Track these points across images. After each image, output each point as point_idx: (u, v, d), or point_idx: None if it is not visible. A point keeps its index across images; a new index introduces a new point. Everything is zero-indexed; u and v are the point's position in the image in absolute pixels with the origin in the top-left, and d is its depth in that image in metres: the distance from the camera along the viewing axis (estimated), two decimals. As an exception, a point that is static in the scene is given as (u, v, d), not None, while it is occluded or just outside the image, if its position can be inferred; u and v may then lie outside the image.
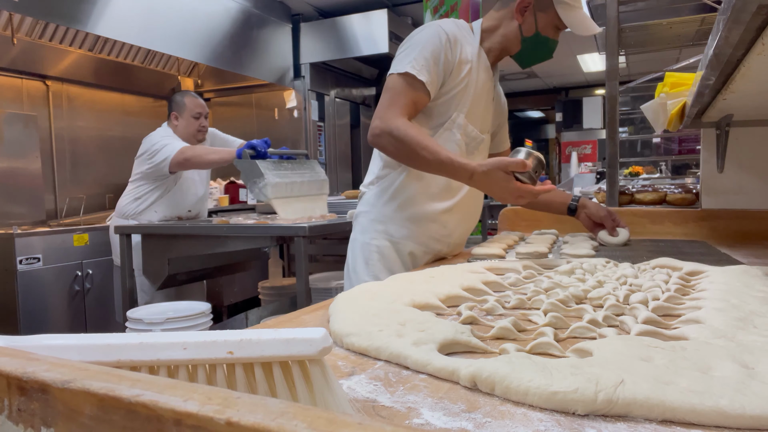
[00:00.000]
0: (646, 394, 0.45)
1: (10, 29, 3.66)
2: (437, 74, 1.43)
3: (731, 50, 0.80)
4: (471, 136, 1.53)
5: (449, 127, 1.50)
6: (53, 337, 0.40)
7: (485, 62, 1.55)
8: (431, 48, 1.42)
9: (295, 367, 0.40)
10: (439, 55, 1.43)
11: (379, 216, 1.54)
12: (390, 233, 1.52)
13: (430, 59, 1.41)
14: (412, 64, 1.40)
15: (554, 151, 10.40)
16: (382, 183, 1.55)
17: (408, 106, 1.40)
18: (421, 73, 1.39)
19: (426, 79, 1.40)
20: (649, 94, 2.49)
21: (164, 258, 2.78)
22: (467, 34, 1.53)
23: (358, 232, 1.59)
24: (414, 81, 1.39)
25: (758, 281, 0.92)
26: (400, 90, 1.40)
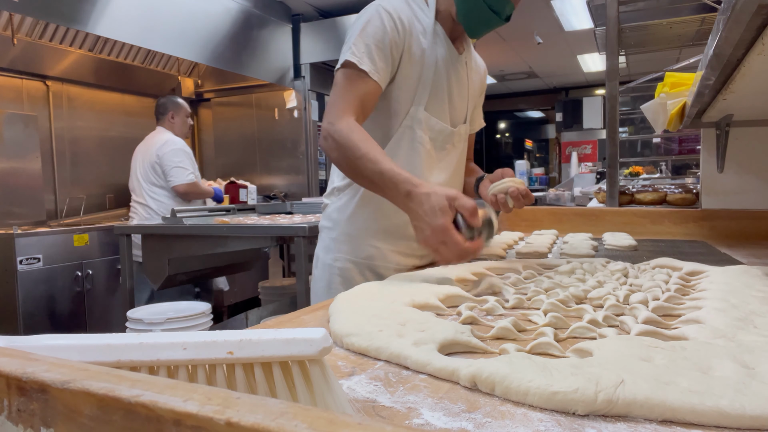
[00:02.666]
0: (646, 394, 0.45)
1: (10, 29, 3.66)
2: (384, 60, 1.23)
3: (731, 50, 0.80)
4: (436, 130, 1.34)
5: (409, 124, 1.30)
6: (53, 338, 0.40)
7: (444, 39, 1.33)
8: (372, 31, 1.22)
9: (295, 367, 0.40)
10: (383, 38, 1.22)
11: (341, 235, 1.36)
12: (355, 254, 1.35)
13: (371, 44, 1.21)
14: (352, 51, 1.21)
15: (554, 151, 10.40)
16: (344, 195, 1.37)
17: (354, 101, 1.20)
18: (363, 61, 1.20)
19: (369, 68, 1.20)
20: (649, 94, 2.49)
21: (164, 258, 2.78)
22: (419, 9, 1.32)
23: (321, 249, 1.42)
24: (357, 71, 1.20)
25: (758, 281, 0.92)
26: (343, 85, 1.22)
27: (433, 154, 1.35)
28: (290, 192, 5.48)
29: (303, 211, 3.30)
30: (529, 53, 7.29)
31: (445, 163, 1.39)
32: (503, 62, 7.73)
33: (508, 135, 11.71)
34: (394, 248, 1.36)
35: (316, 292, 1.41)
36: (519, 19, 6.01)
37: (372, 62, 1.21)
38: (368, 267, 1.35)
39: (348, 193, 1.37)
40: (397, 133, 1.31)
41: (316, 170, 5.60)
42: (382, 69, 1.23)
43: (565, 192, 4.83)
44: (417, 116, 1.30)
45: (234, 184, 5.06)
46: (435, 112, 1.33)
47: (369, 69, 1.21)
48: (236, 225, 2.59)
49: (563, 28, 6.18)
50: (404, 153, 1.31)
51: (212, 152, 6.00)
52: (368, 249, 1.35)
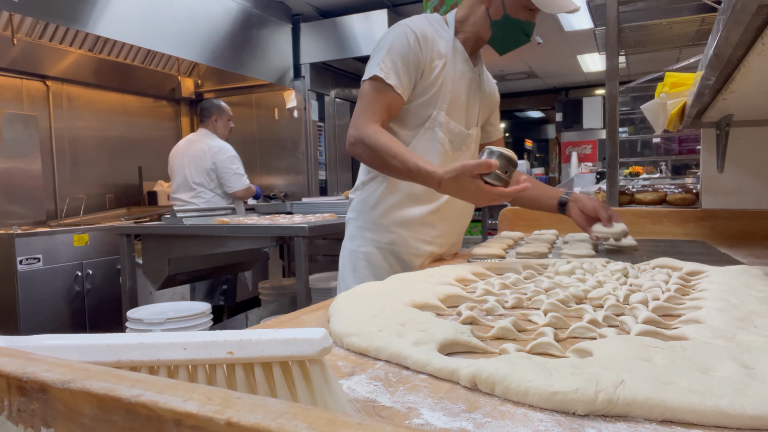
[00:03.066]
0: (646, 394, 0.45)
1: (10, 29, 3.66)
2: (407, 75, 1.40)
3: (731, 50, 0.80)
4: (455, 132, 1.49)
5: (430, 126, 1.46)
6: (53, 338, 0.40)
7: (462, 54, 1.49)
8: (399, 49, 1.39)
9: (295, 367, 0.40)
10: (408, 55, 1.39)
11: (366, 223, 1.51)
12: (377, 240, 1.49)
13: (398, 61, 1.38)
14: (380, 67, 1.37)
15: (554, 151, 10.40)
16: (367, 189, 1.52)
17: (380, 111, 1.37)
18: (390, 76, 1.36)
19: (395, 82, 1.37)
20: (649, 94, 2.49)
21: (164, 258, 2.78)
22: (440, 28, 1.49)
23: (348, 239, 1.57)
24: (383, 85, 1.36)
25: (758, 281, 0.92)
26: (371, 96, 1.38)
27: (450, 153, 1.49)
28: (290, 192, 5.48)
29: (303, 211, 3.30)
30: (529, 53, 7.29)
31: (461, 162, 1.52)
32: (503, 62, 7.73)
33: (508, 135, 11.71)
34: (414, 235, 1.49)
35: (343, 277, 1.54)
36: (519, 19, 6.00)
37: (398, 77, 1.37)
38: (391, 252, 1.49)
39: (371, 186, 1.51)
40: (419, 133, 1.46)
41: (316, 170, 5.60)
42: (406, 83, 1.40)
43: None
44: (438, 119, 1.45)
45: (234, 184, 5.05)
46: (453, 116, 1.48)
47: (395, 83, 1.37)
48: (236, 225, 2.59)
49: (563, 28, 6.18)
50: (423, 151, 1.44)
51: (212, 152, 5.99)
52: (390, 235, 1.48)
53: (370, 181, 1.52)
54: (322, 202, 3.59)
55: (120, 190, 5.09)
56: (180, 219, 2.86)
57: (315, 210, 3.25)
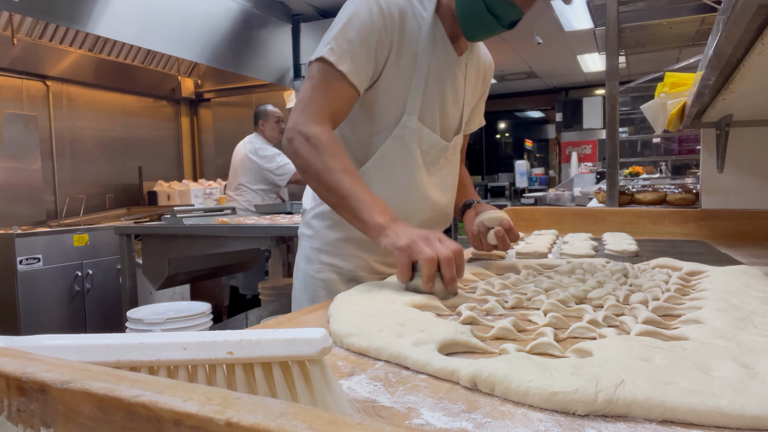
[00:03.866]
0: (646, 395, 0.45)
1: (10, 29, 3.66)
2: (367, 60, 1.09)
3: (731, 50, 0.80)
4: (429, 142, 1.20)
5: (400, 134, 1.17)
6: (53, 338, 0.40)
7: (443, 39, 1.19)
8: (358, 25, 1.07)
9: (295, 367, 0.40)
10: (369, 34, 1.08)
11: (323, 245, 1.26)
12: (337, 265, 1.24)
13: (356, 40, 1.07)
14: (331, 47, 1.07)
15: (554, 151, 10.41)
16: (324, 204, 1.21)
17: (329, 105, 1.08)
18: (342, 60, 1.06)
19: (348, 68, 1.06)
20: (649, 94, 2.49)
21: (164, 258, 2.78)
22: (417, 2, 1.16)
23: (302, 260, 1.30)
24: (333, 71, 1.07)
25: (758, 281, 0.92)
26: (318, 83, 1.09)
27: (424, 169, 1.22)
28: (290, 192, 5.48)
29: (303, 211, 3.30)
30: (529, 53, 7.29)
31: (439, 179, 1.27)
32: (503, 62, 7.73)
33: (508, 135, 11.72)
34: (380, 259, 1.26)
35: (300, 304, 1.30)
36: (519, 19, 6.00)
37: (353, 63, 1.07)
38: (353, 278, 1.24)
39: None
40: (386, 143, 1.18)
41: (316, 170, 5.60)
42: (364, 71, 1.10)
43: (565, 192, 4.84)
44: (409, 126, 1.17)
45: (234, 184, 5.06)
46: (428, 122, 1.20)
47: (348, 70, 1.07)
48: (236, 225, 2.59)
49: (563, 28, 6.19)
50: (395, 167, 1.19)
51: (212, 152, 6.00)
52: (352, 260, 1.24)
53: None
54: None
55: (120, 190, 5.09)
56: (180, 219, 2.86)
57: (315, 210, 3.24)
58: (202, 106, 6.06)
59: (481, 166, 11.00)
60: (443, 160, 1.26)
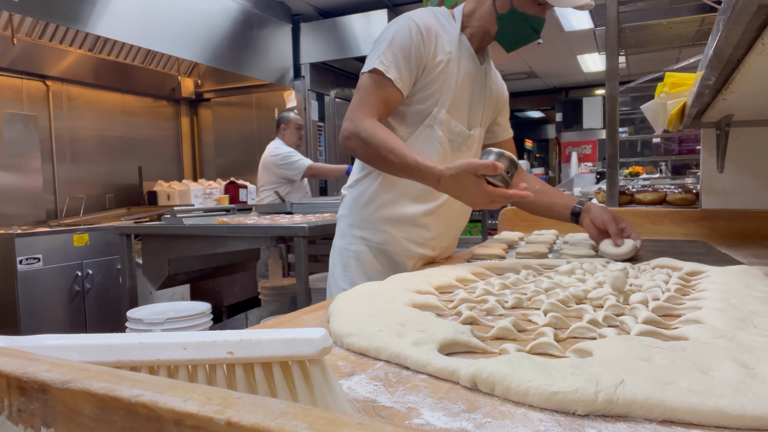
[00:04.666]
0: (646, 394, 0.45)
1: (10, 29, 3.66)
2: (408, 70, 1.35)
3: (731, 50, 0.80)
4: (455, 132, 1.44)
5: (430, 124, 1.40)
6: (53, 337, 0.40)
7: (468, 50, 1.44)
8: (400, 42, 1.33)
9: (295, 367, 0.40)
10: (410, 49, 1.34)
11: (357, 221, 1.46)
12: (368, 238, 1.44)
13: (399, 54, 1.33)
14: (380, 60, 1.32)
15: (554, 151, 10.40)
16: (360, 186, 1.47)
17: (378, 105, 1.33)
18: (390, 70, 1.32)
19: (395, 76, 1.32)
20: (649, 94, 2.49)
21: (164, 258, 2.78)
22: (446, 22, 1.43)
23: (338, 237, 1.52)
24: (382, 78, 1.32)
25: (758, 281, 0.92)
26: (369, 89, 1.33)
27: (449, 154, 1.44)
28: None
29: (303, 211, 3.30)
30: (529, 53, 7.29)
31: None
32: (503, 62, 7.73)
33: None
34: (406, 236, 1.44)
35: (333, 276, 1.49)
36: (519, 19, 6.00)
37: (398, 71, 1.33)
38: (381, 251, 1.44)
39: (364, 183, 1.46)
40: (418, 130, 1.41)
41: (316, 170, 5.60)
42: (406, 78, 1.35)
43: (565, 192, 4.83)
44: (439, 117, 1.40)
45: (234, 184, 5.06)
46: (455, 115, 1.43)
47: (395, 78, 1.32)
48: (236, 225, 2.59)
49: (563, 28, 6.19)
50: (422, 150, 1.38)
51: (212, 152, 6.00)
52: (381, 234, 1.44)
53: (363, 178, 1.47)
54: (322, 202, 3.59)
55: (120, 190, 5.10)
56: (180, 219, 2.86)
57: (315, 210, 3.25)
58: (202, 106, 6.06)
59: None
60: (465, 147, 1.48)
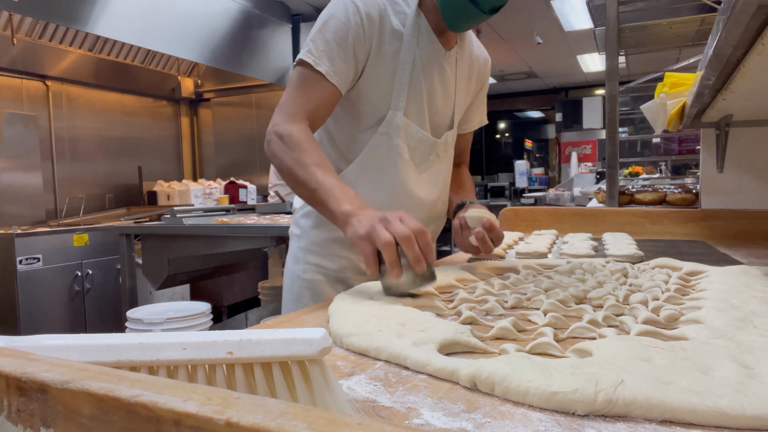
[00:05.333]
0: (646, 395, 0.45)
1: (10, 29, 3.66)
2: (344, 60, 1.09)
3: (731, 50, 0.80)
4: (416, 138, 1.19)
5: (385, 131, 1.16)
6: (53, 338, 0.40)
7: (428, 33, 1.17)
8: (334, 26, 1.09)
9: (295, 367, 0.40)
10: (346, 34, 1.09)
11: (310, 245, 1.25)
12: (323, 266, 1.23)
13: (332, 41, 1.08)
14: (309, 49, 1.09)
15: (554, 151, 10.41)
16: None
17: (306, 105, 1.08)
18: (320, 62, 1.07)
19: (327, 69, 1.07)
20: (649, 94, 2.49)
21: (164, 258, 2.78)
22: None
23: (290, 259, 1.30)
24: (312, 73, 1.08)
25: (758, 281, 0.92)
26: (296, 85, 1.10)
27: (412, 166, 1.21)
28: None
29: (303, 211, 3.30)
30: (529, 53, 7.29)
31: (430, 176, 1.26)
32: (503, 62, 7.73)
33: (508, 135, 11.72)
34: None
35: (285, 304, 1.30)
36: (519, 19, 6.03)
37: (331, 63, 1.08)
38: (338, 279, 1.24)
39: None
40: (372, 140, 1.17)
41: (316, 170, 5.61)
42: (343, 71, 1.10)
43: (564, 192, 4.84)
44: (395, 122, 1.16)
45: (234, 184, 5.06)
46: (415, 118, 1.19)
47: (326, 71, 1.08)
48: (236, 225, 2.59)
49: (563, 28, 6.19)
50: (382, 164, 1.18)
51: (212, 152, 6.00)
52: (338, 260, 1.23)
53: None
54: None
55: (120, 190, 5.10)
56: (180, 219, 2.86)
57: (315, 210, 3.24)
58: (201, 106, 6.06)
59: (481, 166, 11.00)
60: (433, 156, 1.25)
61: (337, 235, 1.19)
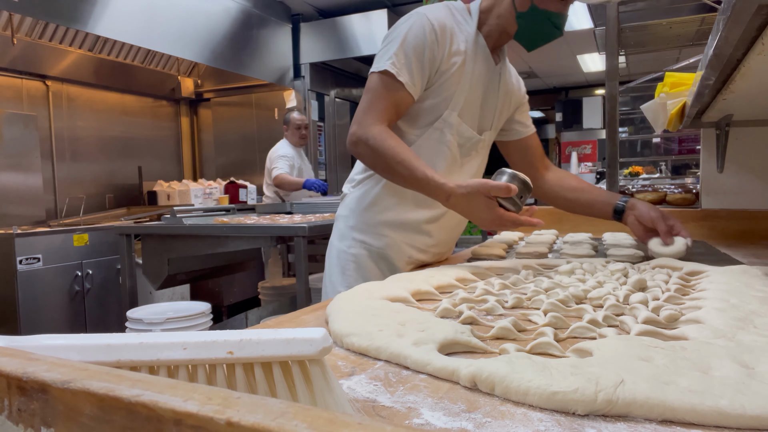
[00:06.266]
0: (646, 394, 0.45)
1: (10, 29, 3.66)
2: (420, 72, 1.27)
3: (731, 50, 0.80)
4: (465, 136, 1.37)
5: (440, 127, 1.33)
6: (53, 337, 0.40)
7: (484, 50, 1.35)
8: (413, 42, 1.25)
9: (295, 367, 0.40)
10: (423, 49, 1.25)
11: (358, 223, 1.40)
12: (368, 242, 1.38)
13: (411, 55, 1.24)
14: (392, 61, 1.24)
15: (554, 151, 10.40)
16: (363, 186, 1.40)
17: (387, 110, 1.25)
18: (402, 73, 1.24)
19: (406, 80, 1.24)
20: (649, 94, 2.49)
21: (164, 258, 2.78)
22: (462, 20, 1.35)
23: (336, 238, 1.45)
24: (394, 81, 1.24)
25: (758, 281, 0.92)
26: (379, 92, 1.26)
27: (458, 158, 1.38)
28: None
29: (303, 211, 3.31)
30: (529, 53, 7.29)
31: (470, 168, 1.43)
32: (503, 62, 7.72)
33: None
34: (408, 241, 1.38)
35: (330, 278, 1.43)
36: (519, 19, 6.01)
37: (410, 75, 1.25)
38: (382, 256, 1.37)
39: (368, 183, 1.40)
40: (426, 133, 1.34)
41: (316, 170, 5.60)
42: (418, 81, 1.27)
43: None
44: (449, 120, 1.33)
45: (234, 184, 5.06)
46: (466, 118, 1.36)
47: (406, 81, 1.24)
48: (236, 225, 2.59)
49: (563, 28, 6.18)
50: (428, 153, 1.33)
51: (212, 152, 6.00)
52: (383, 238, 1.37)
53: (367, 179, 1.40)
54: (322, 202, 3.59)
55: (120, 190, 5.10)
56: (180, 219, 2.86)
57: (315, 210, 3.25)
58: (201, 105, 6.06)
59: (481, 166, 10.99)
60: (474, 152, 1.42)
61: (383, 217, 1.37)
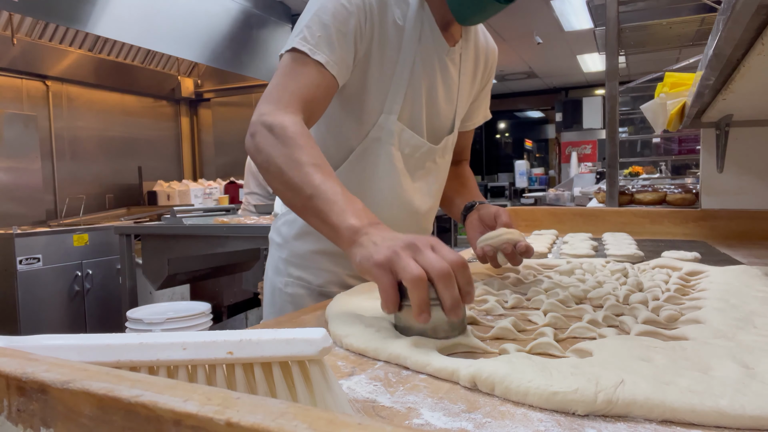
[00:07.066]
0: (646, 395, 0.45)
1: (10, 29, 3.66)
2: (346, 49, 0.94)
3: (731, 50, 0.80)
4: (412, 145, 1.06)
5: (377, 136, 1.03)
6: (53, 338, 0.40)
7: (431, 25, 1.03)
8: (333, 9, 0.93)
9: (295, 367, 0.40)
10: (347, 19, 0.94)
11: (292, 256, 1.13)
12: (306, 279, 1.12)
13: (331, 26, 0.92)
14: (304, 36, 0.91)
15: (554, 151, 10.41)
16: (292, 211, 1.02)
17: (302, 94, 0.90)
18: (318, 49, 0.91)
19: (326, 58, 0.91)
20: (649, 94, 2.49)
21: (164, 258, 2.78)
22: None
23: (271, 269, 1.19)
24: (308, 61, 0.91)
25: (758, 281, 0.92)
26: (288, 71, 0.92)
27: (406, 174, 1.08)
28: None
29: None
30: (529, 53, 7.29)
31: (425, 185, 1.14)
32: (503, 62, 7.73)
33: (508, 135, 11.72)
34: (353, 273, 1.11)
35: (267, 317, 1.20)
36: (519, 19, 6.03)
37: (331, 50, 0.92)
38: (323, 294, 1.12)
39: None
40: (362, 146, 1.04)
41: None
42: (342, 61, 0.94)
43: (564, 192, 4.84)
44: (387, 127, 1.03)
45: (234, 184, 5.07)
46: (411, 122, 1.06)
47: (326, 60, 0.91)
48: (236, 225, 2.59)
49: (563, 28, 6.19)
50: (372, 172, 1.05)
51: (212, 152, 6.01)
52: (322, 274, 1.12)
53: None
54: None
55: (120, 190, 5.10)
56: (180, 219, 2.86)
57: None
58: (201, 106, 6.06)
59: (481, 166, 11.01)
60: (430, 163, 1.12)
61: (321, 246, 1.08)
